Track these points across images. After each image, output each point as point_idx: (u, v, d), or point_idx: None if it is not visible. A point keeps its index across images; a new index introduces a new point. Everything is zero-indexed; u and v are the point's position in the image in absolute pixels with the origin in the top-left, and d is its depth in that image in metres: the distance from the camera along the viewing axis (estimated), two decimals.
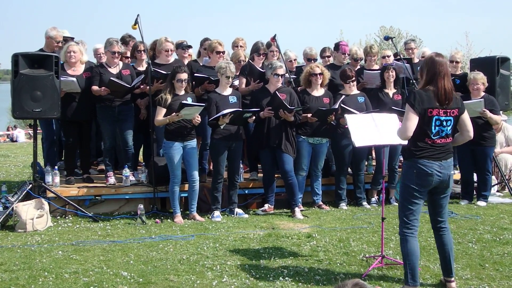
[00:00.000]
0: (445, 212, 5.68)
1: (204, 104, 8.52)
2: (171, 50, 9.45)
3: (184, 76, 8.44)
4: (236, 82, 9.44)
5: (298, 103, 9.03)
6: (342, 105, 9.12)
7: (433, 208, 5.68)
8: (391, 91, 9.74)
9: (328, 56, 10.54)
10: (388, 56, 10.72)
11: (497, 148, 11.20)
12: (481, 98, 9.66)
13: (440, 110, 5.39)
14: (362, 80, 10.05)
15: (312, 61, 10.26)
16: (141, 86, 9.31)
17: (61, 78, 8.56)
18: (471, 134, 5.71)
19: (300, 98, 9.21)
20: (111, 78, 8.95)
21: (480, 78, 9.67)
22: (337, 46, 10.38)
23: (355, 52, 10.35)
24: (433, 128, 5.41)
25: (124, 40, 10.25)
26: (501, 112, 10.40)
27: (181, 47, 10.02)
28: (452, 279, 5.66)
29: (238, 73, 9.52)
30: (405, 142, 5.61)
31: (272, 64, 9.00)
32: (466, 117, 5.65)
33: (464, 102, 9.48)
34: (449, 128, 5.48)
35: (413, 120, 5.39)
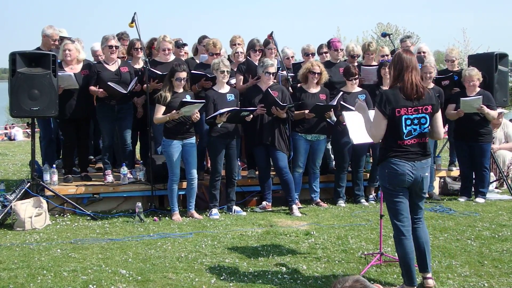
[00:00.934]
0: (420, 211, 5.57)
1: (203, 101, 8.52)
2: (168, 49, 9.40)
3: (183, 75, 8.43)
4: (233, 80, 9.43)
5: (290, 100, 9.06)
6: (342, 102, 9.11)
7: (409, 207, 5.56)
8: (388, 88, 9.70)
9: (326, 52, 10.53)
10: (387, 55, 10.72)
11: (495, 144, 11.22)
12: (477, 94, 9.66)
13: (409, 108, 5.30)
14: (359, 76, 10.04)
15: (310, 55, 10.26)
16: (135, 88, 9.29)
17: (58, 73, 8.56)
18: (440, 136, 5.68)
19: (296, 95, 9.21)
20: (108, 82, 8.92)
21: (475, 74, 9.67)
22: (329, 44, 10.38)
23: (352, 49, 10.34)
24: (403, 128, 5.31)
25: (119, 38, 10.23)
26: (502, 108, 10.42)
27: (177, 45, 9.99)
28: (429, 274, 5.55)
29: (235, 69, 9.54)
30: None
31: (264, 62, 9.01)
32: (438, 116, 5.54)
33: (462, 99, 9.57)
34: (424, 126, 5.37)
35: (382, 124, 5.34)
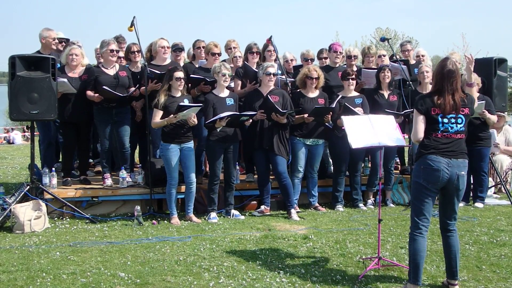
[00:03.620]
0: (455, 215, 5.64)
1: (201, 105, 8.54)
2: (167, 47, 9.47)
3: (181, 74, 8.47)
4: (232, 84, 9.44)
5: (291, 105, 9.06)
6: (345, 103, 9.11)
7: (442, 209, 5.67)
8: (386, 92, 9.75)
9: (325, 58, 10.56)
10: (384, 55, 10.75)
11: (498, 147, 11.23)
12: (476, 99, 9.68)
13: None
14: (360, 80, 10.06)
15: (309, 61, 10.28)
16: (134, 93, 9.32)
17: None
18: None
19: (295, 100, 9.23)
20: (104, 87, 8.94)
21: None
22: (330, 47, 10.43)
23: (348, 50, 10.41)
24: (440, 125, 5.45)
25: (117, 41, 10.26)
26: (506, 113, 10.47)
27: (173, 49, 10.00)
28: (456, 282, 5.67)
29: (233, 74, 9.56)
30: (404, 143, 5.68)
31: (263, 65, 9.06)
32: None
33: None
34: (460, 125, 5.48)
35: (421, 123, 5.49)
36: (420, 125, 5.52)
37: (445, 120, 5.45)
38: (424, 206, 5.49)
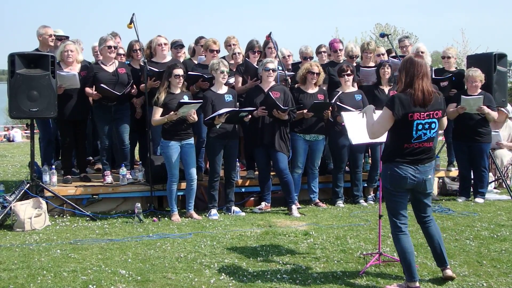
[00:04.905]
0: (428, 208, 5.65)
1: (201, 101, 8.54)
2: (164, 44, 9.49)
3: (180, 71, 8.46)
4: (232, 80, 9.44)
5: (292, 101, 9.05)
6: (338, 103, 9.13)
7: (415, 205, 5.66)
8: (386, 87, 9.75)
9: (324, 52, 10.56)
10: (383, 54, 10.73)
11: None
12: (478, 94, 9.69)
13: (422, 113, 5.30)
14: (358, 77, 10.06)
15: (308, 59, 10.28)
16: (132, 91, 9.32)
17: (62, 73, 8.59)
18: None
19: (294, 96, 9.22)
20: (101, 85, 8.94)
21: (478, 75, 9.70)
22: (330, 46, 10.43)
23: (350, 49, 10.36)
24: (414, 132, 5.32)
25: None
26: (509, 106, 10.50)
27: (173, 46, 10.01)
28: (448, 267, 5.68)
29: (234, 70, 9.55)
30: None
31: (263, 61, 9.05)
32: (444, 120, 5.64)
33: (463, 97, 9.60)
34: (433, 131, 5.39)
35: (387, 125, 5.39)
36: (387, 126, 5.40)
37: (420, 127, 5.30)
38: (398, 206, 5.48)
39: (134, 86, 9.37)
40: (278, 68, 9.26)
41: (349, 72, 9.40)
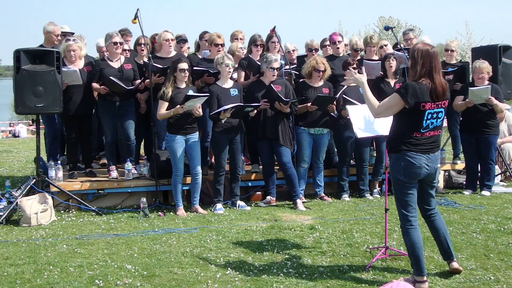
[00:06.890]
0: (433, 200, 5.65)
1: (208, 94, 8.53)
2: (171, 40, 9.48)
3: (185, 65, 8.46)
4: (235, 75, 9.42)
5: (293, 94, 9.04)
6: (344, 96, 9.11)
7: (420, 197, 5.61)
8: (392, 80, 9.71)
9: (329, 45, 10.54)
10: (386, 45, 10.69)
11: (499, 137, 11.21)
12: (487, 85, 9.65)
13: (433, 104, 5.30)
14: (360, 69, 10.00)
15: (314, 50, 10.26)
16: (140, 86, 9.33)
17: (63, 69, 8.58)
18: None
19: (299, 89, 9.19)
20: (111, 77, 8.94)
21: (485, 67, 9.66)
22: (330, 38, 10.41)
23: (355, 43, 10.33)
24: (424, 122, 5.32)
25: (122, 35, 10.23)
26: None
27: (177, 40, 9.99)
28: (454, 260, 5.68)
29: (236, 66, 9.53)
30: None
31: (267, 58, 8.99)
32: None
33: (471, 88, 9.57)
34: (439, 120, 5.41)
35: (394, 109, 5.38)
36: (394, 110, 5.39)
37: (429, 116, 5.31)
38: (409, 198, 5.45)
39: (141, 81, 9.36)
40: (281, 63, 9.24)
41: (354, 65, 9.36)
